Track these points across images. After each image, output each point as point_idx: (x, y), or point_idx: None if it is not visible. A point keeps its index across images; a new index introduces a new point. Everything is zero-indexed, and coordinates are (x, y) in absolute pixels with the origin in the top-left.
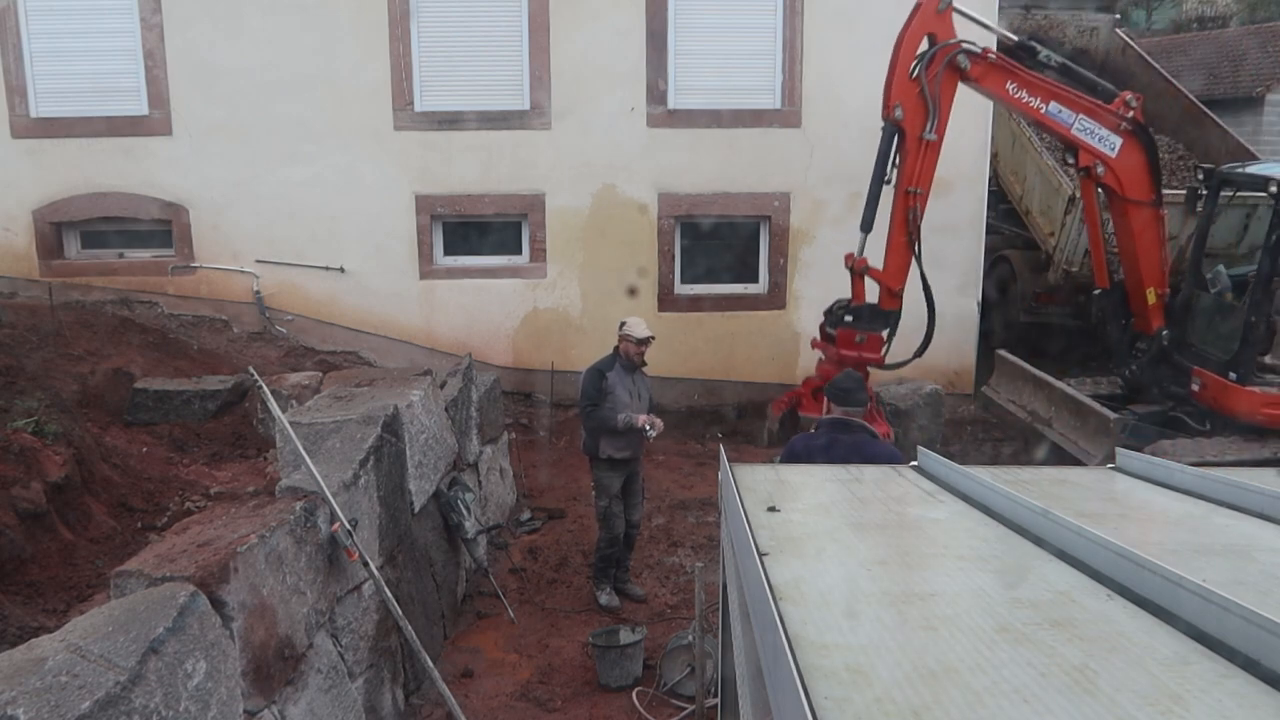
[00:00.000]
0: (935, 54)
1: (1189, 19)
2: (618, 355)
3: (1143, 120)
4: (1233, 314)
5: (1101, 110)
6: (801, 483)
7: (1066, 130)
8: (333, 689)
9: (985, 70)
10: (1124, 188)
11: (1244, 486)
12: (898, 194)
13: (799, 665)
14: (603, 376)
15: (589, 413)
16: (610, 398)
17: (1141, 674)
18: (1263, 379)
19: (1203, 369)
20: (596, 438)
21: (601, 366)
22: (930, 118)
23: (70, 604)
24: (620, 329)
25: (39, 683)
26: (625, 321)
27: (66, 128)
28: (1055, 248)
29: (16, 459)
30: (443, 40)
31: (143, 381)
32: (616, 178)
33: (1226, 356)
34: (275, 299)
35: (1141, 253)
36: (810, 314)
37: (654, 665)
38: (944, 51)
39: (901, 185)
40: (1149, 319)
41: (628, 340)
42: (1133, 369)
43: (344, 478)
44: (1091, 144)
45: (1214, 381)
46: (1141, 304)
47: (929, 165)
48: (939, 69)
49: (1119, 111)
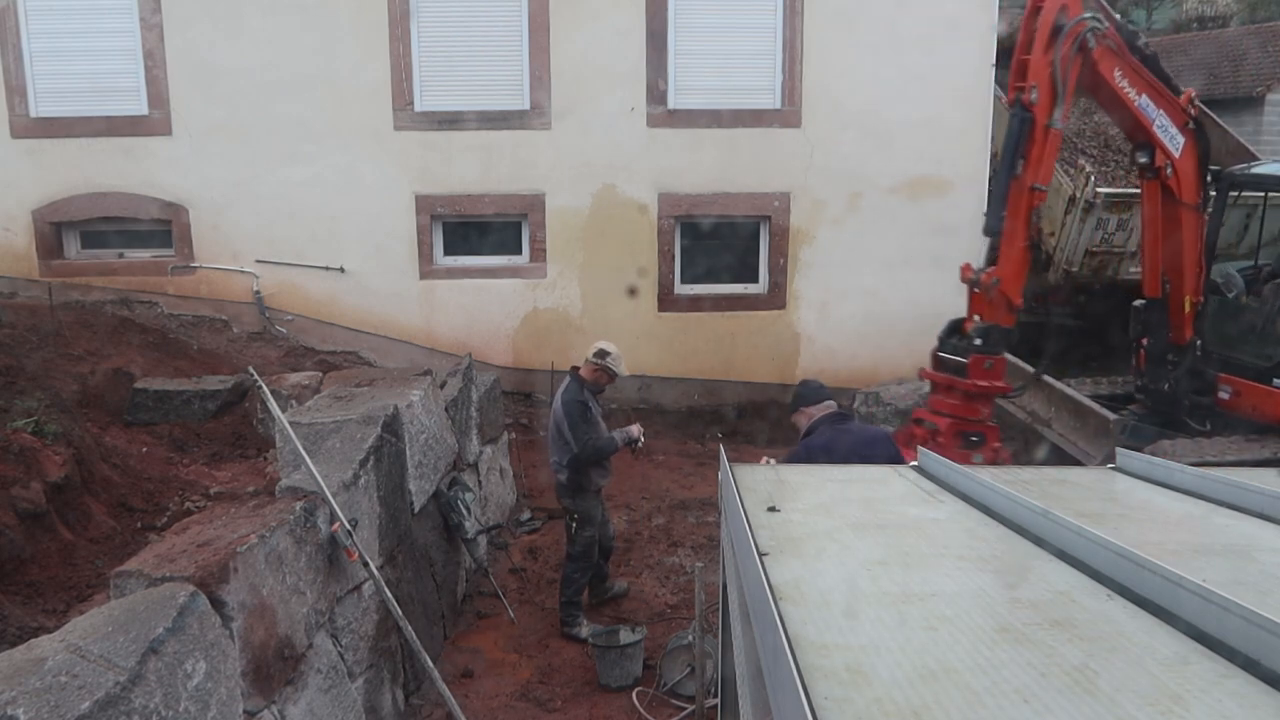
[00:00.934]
0: (1068, 31)
1: (1189, 19)
2: (582, 381)
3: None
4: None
5: (1174, 107)
6: (801, 483)
7: (1150, 125)
8: (333, 689)
9: (1103, 54)
10: (1182, 191)
11: (1244, 486)
12: (1018, 191)
13: (799, 665)
14: (587, 407)
15: (592, 446)
16: (598, 426)
17: (1141, 674)
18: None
19: (1231, 375)
20: (586, 471)
21: (578, 398)
22: (1058, 103)
23: (70, 604)
24: (603, 359)
25: (39, 683)
26: (609, 353)
27: (66, 128)
28: (1055, 248)
29: (16, 459)
30: (443, 40)
31: (143, 381)
32: (616, 178)
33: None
34: (275, 299)
35: (1187, 259)
36: (810, 314)
37: (654, 665)
38: (1076, 29)
39: (1025, 181)
40: (1184, 329)
41: (605, 372)
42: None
43: (344, 478)
44: (1166, 142)
45: (1250, 388)
46: (1179, 314)
47: (1053, 155)
48: (1070, 48)
49: (1185, 108)
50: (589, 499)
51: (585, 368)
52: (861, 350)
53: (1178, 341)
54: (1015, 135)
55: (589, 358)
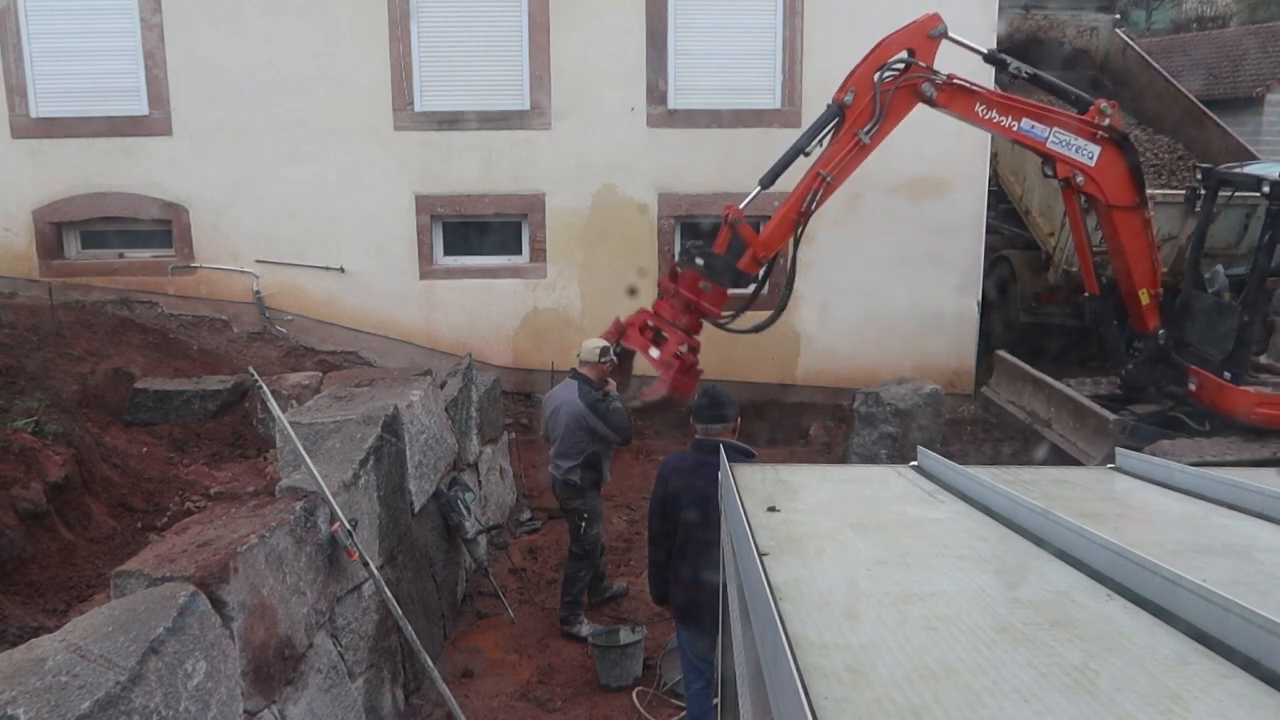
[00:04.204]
0: (901, 72)
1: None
2: (589, 381)
3: (1120, 126)
4: (1230, 314)
5: (1075, 121)
6: (801, 483)
7: (1042, 145)
8: (333, 689)
9: (951, 96)
10: (1106, 194)
11: (1244, 486)
12: (810, 172)
13: (799, 665)
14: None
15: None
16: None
17: (1141, 674)
18: (1257, 379)
19: (1200, 369)
20: (600, 469)
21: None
22: (874, 122)
23: (70, 604)
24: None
25: (39, 683)
26: (609, 349)
27: (66, 128)
28: (1055, 248)
29: (16, 459)
30: (443, 40)
31: (143, 381)
32: (616, 178)
33: (1223, 356)
34: (275, 299)
35: (1130, 255)
36: (810, 314)
37: (654, 665)
38: (911, 79)
39: (816, 166)
40: (1144, 319)
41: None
42: (1129, 369)
43: (344, 478)
44: (1068, 155)
45: (1210, 381)
46: (1136, 305)
47: (852, 163)
48: (897, 85)
49: (1094, 120)
50: (597, 498)
51: (593, 369)
52: (861, 350)
53: (1141, 330)
54: (819, 124)
55: (595, 360)
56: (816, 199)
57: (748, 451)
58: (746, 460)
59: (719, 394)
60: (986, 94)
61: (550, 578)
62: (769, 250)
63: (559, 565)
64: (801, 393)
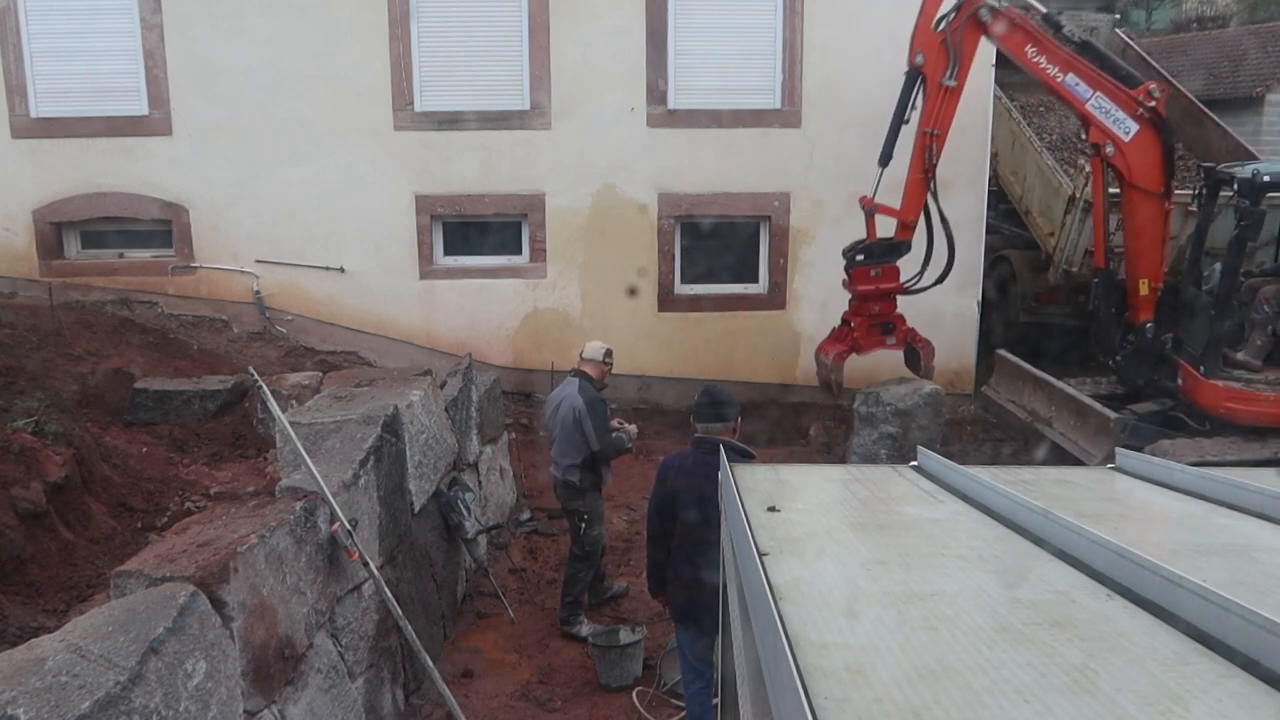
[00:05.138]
0: (960, 7)
1: (1189, 19)
2: (590, 379)
3: (1164, 113)
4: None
5: (1121, 93)
6: (801, 483)
7: (1081, 104)
8: (333, 689)
9: (1008, 29)
10: (1132, 174)
11: (1244, 486)
12: (917, 134)
13: (799, 665)
14: (605, 406)
15: (613, 446)
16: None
17: (1141, 674)
18: (1230, 374)
19: (1187, 364)
20: (599, 471)
21: (599, 397)
22: (951, 65)
23: (70, 604)
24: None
25: (39, 683)
26: (611, 351)
27: (66, 128)
28: (1055, 248)
29: (16, 459)
30: (443, 40)
31: (143, 381)
32: (616, 178)
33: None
34: (275, 299)
35: (1141, 242)
36: (810, 314)
37: (654, 665)
38: (967, 5)
39: (921, 126)
40: (1139, 311)
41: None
42: (1118, 359)
43: (344, 478)
44: (1104, 122)
45: (1190, 375)
46: (1135, 294)
47: (949, 110)
48: (961, 21)
49: (1140, 98)
50: (598, 499)
51: (595, 368)
52: None
53: (1132, 321)
54: (905, 91)
55: (598, 359)
56: (933, 154)
57: (747, 452)
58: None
59: (719, 393)
60: (1041, 37)
61: (550, 578)
62: (913, 214)
63: (559, 565)
64: (801, 393)
